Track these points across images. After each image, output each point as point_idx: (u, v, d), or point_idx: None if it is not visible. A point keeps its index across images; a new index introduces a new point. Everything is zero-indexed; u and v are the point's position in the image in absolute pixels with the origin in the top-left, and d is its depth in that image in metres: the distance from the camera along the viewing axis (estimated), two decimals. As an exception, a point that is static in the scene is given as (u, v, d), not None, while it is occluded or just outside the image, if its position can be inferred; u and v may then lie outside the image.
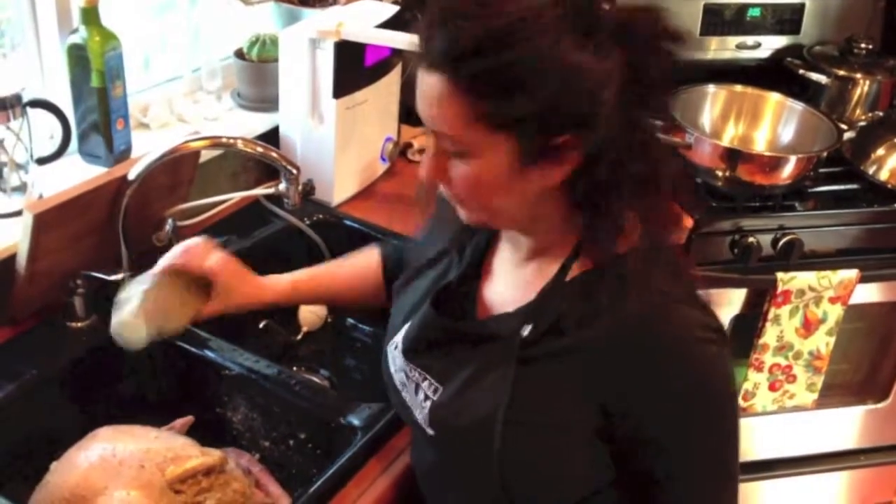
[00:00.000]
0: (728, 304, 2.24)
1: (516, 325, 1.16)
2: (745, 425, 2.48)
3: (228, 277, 1.47)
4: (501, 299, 1.24)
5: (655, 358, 1.10)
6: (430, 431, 1.25)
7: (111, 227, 1.63)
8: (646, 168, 1.09)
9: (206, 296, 1.47)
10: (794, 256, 2.17)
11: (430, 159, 1.12)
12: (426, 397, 1.24)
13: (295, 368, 1.83)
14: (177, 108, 2.06)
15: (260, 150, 1.66)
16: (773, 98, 2.40)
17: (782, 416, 2.45)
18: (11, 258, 1.58)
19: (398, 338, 1.31)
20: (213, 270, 1.46)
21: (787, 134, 2.37)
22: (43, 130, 1.80)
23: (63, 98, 1.81)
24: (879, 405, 2.55)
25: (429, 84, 1.05)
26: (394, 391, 1.33)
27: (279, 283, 1.55)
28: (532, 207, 1.13)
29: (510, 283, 1.23)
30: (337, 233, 2.01)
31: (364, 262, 1.61)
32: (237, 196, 1.92)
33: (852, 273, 2.19)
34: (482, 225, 1.21)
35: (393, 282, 1.46)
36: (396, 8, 2.04)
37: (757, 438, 2.51)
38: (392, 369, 1.33)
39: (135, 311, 1.41)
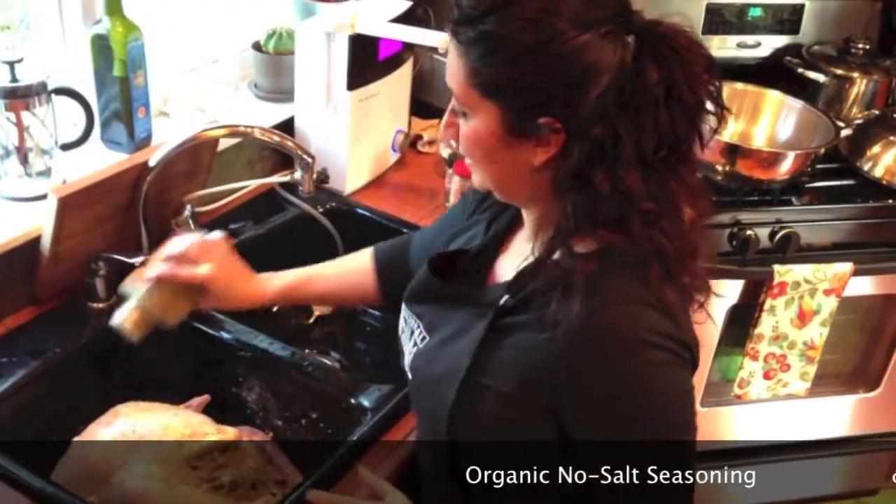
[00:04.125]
0: (725, 294, 2.26)
1: (500, 295, 1.19)
2: (740, 412, 2.53)
3: (224, 284, 1.45)
4: (503, 271, 1.27)
5: (587, 353, 1.06)
6: (409, 376, 1.31)
7: (132, 211, 1.66)
8: (622, 181, 1.06)
9: (199, 294, 1.45)
10: (791, 250, 2.20)
11: (446, 115, 1.17)
12: (415, 343, 1.30)
13: (307, 351, 1.85)
14: (196, 97, 2.08)
15: (276, 138, 1.68)
16: (773, 95, 2.42)
17: (776, 403, 2.48)
18: (36, 240, 1.60)
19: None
20: (206, 279, 1.42)
21: (785, 130, 2.39)
22: (67, 117, 1.81)
23: (87, 86, 1.82)
24: (870, 394, 2.59)
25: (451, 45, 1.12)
26: (399, 335, 1.38)
27: (272, 288, 1.53)
28: (524, 182, 1.14)
29: (516, 257, 1.23)
30: (348, 220, 2.03)
31: (355, 263, 1.60)
32: (253, 184, 1.93)
33: (846, 266, 2.22)
34: (487, 190, 1.23)
35: (387, 279, 1.53)
36: (409, 4, 2.07)
37: (751, 425, 2.55)
38: (402, 313, 1.37)
39: (127, 313, 1.40)
